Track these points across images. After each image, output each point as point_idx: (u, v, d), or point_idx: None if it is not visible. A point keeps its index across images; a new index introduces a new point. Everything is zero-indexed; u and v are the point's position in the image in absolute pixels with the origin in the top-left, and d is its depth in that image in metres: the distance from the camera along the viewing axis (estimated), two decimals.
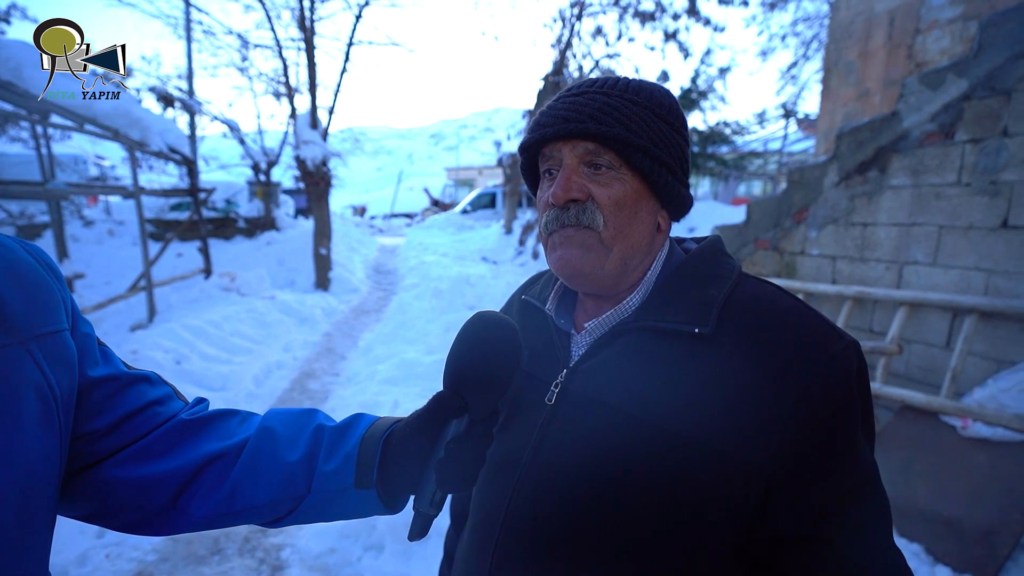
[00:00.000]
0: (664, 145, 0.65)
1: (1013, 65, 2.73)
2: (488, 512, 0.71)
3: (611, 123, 0.62)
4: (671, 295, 0.66)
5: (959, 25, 4.50)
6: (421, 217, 21.43)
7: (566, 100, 0.66)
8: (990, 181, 2.83)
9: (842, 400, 0.56)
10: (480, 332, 0.60)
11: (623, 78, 0.68)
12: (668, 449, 0.58)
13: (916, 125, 3.15)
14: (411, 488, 0.62)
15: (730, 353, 0.59)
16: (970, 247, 2.92)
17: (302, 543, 2.69)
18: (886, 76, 4.91)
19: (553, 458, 0.66)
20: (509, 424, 0.73)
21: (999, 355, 2.79)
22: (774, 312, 0.61)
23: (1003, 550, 2.11)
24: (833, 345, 0.58)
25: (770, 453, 0.55)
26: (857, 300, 3.40)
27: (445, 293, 6.65)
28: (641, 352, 0.64)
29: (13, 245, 0.57)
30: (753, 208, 4.15)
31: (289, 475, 0.62)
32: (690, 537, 0.58)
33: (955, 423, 2.56)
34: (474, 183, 28.95)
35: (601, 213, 0.64)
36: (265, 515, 0.63)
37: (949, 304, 2.93)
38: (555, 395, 0.68)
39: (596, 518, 0.61)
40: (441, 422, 0.61)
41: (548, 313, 0.74)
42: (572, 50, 10.87)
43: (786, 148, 12.47)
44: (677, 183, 0.67)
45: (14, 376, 0.50)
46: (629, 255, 0.66)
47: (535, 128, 0.67)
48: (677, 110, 0.68)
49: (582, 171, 0.64)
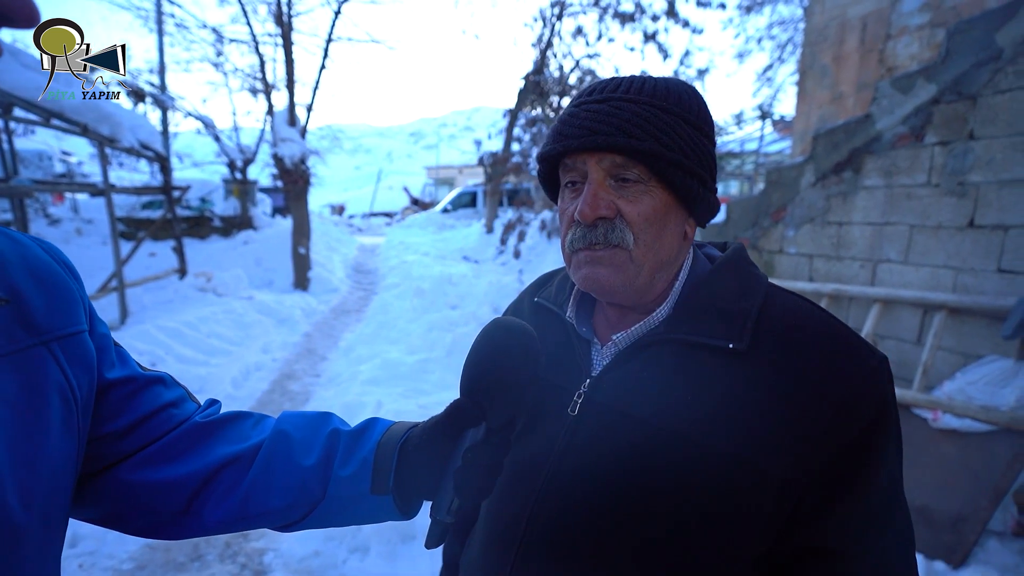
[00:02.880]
0: (696, 155, 0.61)
1: (978, 71, 2.84)
2: (508, 522, 0.69)
3: (642, 136, 0.59)
4: (702, 307, 0.64)
5: (927, 32, 4.65)
6: (401, 216, 21.25)
7: (590, 107, 0.61)
8: (958, 182, 2.94)
9: (876, 416, 0.56)
10: (498, 339, 0.58)
11: (649, 79, 0.63)
12: (700, 463, 0.57)
13: (888, 127, 3.25)
14: (428, 495, 0.61)
15: (765, 369, 0.58)
16: (939, 246, 3.03)
17: (285, 547, 2.65)
18: (859, 79, 5.05)
19: (579, 469, 0.64)
20: (528, 432, 0.71)
21: (966, 349, 2.90)
22: (809, 328, 0.61)
23: (971, 536, 2.20)
24: (868, 362, 0.58)
25: (804, 469, 0.55)
26: (833, 297, 3.49)
27: (427, 292, 6.62)
28: (671, 365, 0.62)
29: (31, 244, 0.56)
30: (733, 207, 4.23)
31: (304, 480, 0.62)
32: (719, 549, 0.58)
33: (926, 415, 2.65)
34: (454, 182, 28.82)
35: (631, 231, 0.61)
36: (278, 520, 0.62)
37: (920, 301, 3.03)
38: (578, 405, 0.67)
39: (625, 531, 0.60)
40: (458, 430, 0.59)
41: (569, 321, 0.72)
42: (553, 50, 10.92)
43: (763, 149, 12.73)
44: (707, 191, 0.64)
45: (40, 378, 0.50)
46: (658, 268, 0.64)
47: (557, 138, 0.63)
48: (706, 112, 0.64)
49: (609, 185, 0.61)
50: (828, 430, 0.55)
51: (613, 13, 10.66)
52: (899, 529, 0.59)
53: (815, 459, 0.55)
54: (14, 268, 0.52)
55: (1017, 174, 2.70)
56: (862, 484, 0.56)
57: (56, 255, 0.58)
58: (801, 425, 0.56)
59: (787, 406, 0.57)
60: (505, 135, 11.21)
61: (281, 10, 7.94)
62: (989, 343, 2.79)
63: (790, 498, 0.56)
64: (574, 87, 10.96)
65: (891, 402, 0.58)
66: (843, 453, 0.55)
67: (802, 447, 0.55)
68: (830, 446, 0.55)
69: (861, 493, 0.56)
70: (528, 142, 11.11)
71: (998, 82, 2.76)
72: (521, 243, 9.15)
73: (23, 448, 0.48)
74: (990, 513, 2.23)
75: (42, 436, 0.50)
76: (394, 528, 2.60)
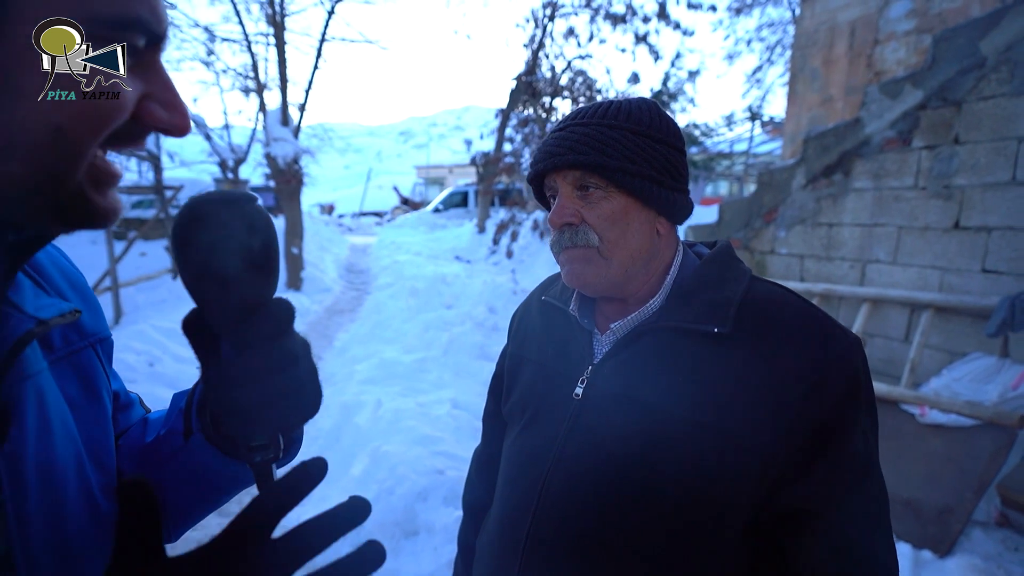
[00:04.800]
0: (644, 159, 0.69)
1: (963, 78, 2.94)
2: (517, 502, 0.75)
3: (587, 151, 0.69)
4: (690, 297, 0.71)
5: (913, 37, 4.77)
6: (391, 216, 21.19)
7: (554, 136, 0.74)
8: (943, 185, 3.03)
9: (848, 390, 0.63)
10: (176, 232, 0.42)
11: (604, 103, 0.74)
12: (692, 438, 0.64)
13: (877, 132, 3.34)
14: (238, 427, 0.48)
15: (747, 350, 0.65)
16: (926, 246, 3.13)
17: None
18: (848, 83, 5.17)
19: (583, 449, 0.70)
20: (536, 418, 0.77)
21: (952, 347, 3.00)
22: (786, 312, 0.68)
23: (956, 526, 2.29)
24: (840, 342, 0.65)
25: (784, 438, 0.61)
26: (824, 297, 3.58)
27: (422, 292, 6.64)
28: (664, 350, 0.69)
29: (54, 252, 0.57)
30: (725, 209, 4.31)
31: (144, 459, 0.60)
32: (710, 516, 0.64)
33: (913, 411, 2.73)
34: (445, 182, 28.79)
35: (594, 231, 0.70)
36: None
37: (908, 300, 3.12)
38: (582, 390, 0.73)
39: (626, 503, 0.66)
40: (199, 345, 0.46)
41: (572, 314, 0.79)
42: (545, 50, 10.98)
43: (753, 149, 12.90)
44: (666, 191, 0.71)
45: (93, 377, 0.53)
46: (630, 261, 0.72)
47: (534, 163, 0.75)
48: (660, 122, 0.72)
49: (576, 195, 0.71)
50: (804, 403, 0.62)
51: (604, 14, 10.74)
52: (873, 494, 0.65)
53: (793, 430, 0.62)
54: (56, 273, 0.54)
55: (1000, 177, 2.80)
56: (837, 451, 0.62)
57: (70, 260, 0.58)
58: (780, 399, 0.62)
59: (767, 383, 0.63)
60: (497, 135, 11.25)
61: (274, 9, 7.91)
62: (974, 341, 2.89)
63: (772, 465, 0.62)
64: (566, 88, 11.04)
65: (863, 378, 0.65)
66: (818, 424, 0.62)
67: (781, 419, 0.62)
68: (806, 418, 0.62)
69: (836, 459, 0.62)
70: (520, 142, 11.16)
71: (982, 89, 2.86)
72: (514, 243, 9.20)
73: (95, 443, 0.51)
74: (974, 504, 2.32)
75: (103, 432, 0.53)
76: (397, 525, 2.64)
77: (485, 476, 0.97)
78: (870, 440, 0.65)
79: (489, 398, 1.00)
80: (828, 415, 0.62)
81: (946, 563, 2.21)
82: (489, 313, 5.85)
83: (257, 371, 0.44)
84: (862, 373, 0.65)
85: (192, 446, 0.56)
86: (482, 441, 1.02)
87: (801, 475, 0.62)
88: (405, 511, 2.66)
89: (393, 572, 2.46)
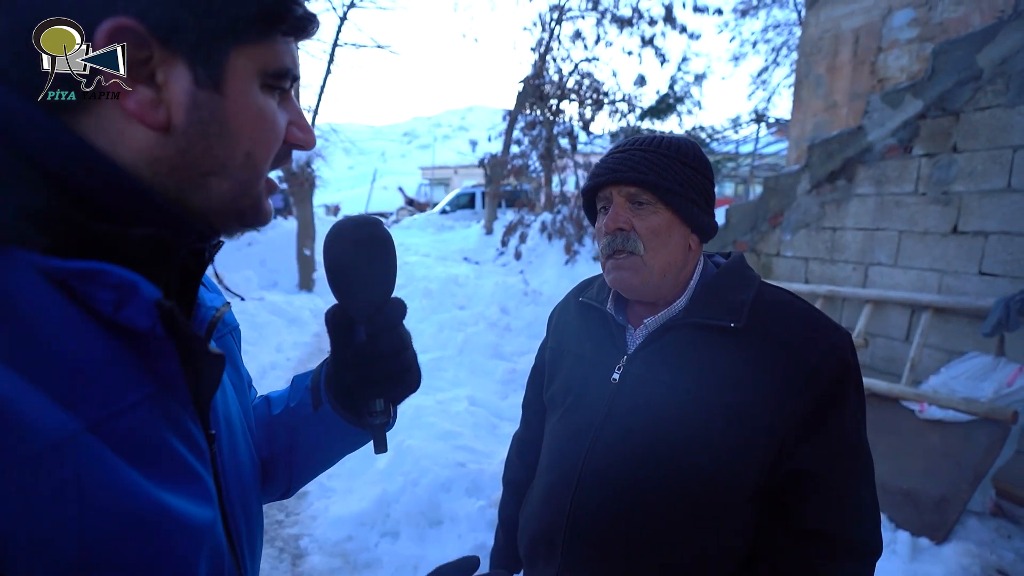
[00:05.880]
0: (689, 185, 0.84)
1: (961, 89, 3.07)
2: (564, 470, 0.89)
3: (646, 172, 0.83)
4: (711, 298, 0.86)
5: (916, 45, 4.89)
6: (396, 216, 21.32)
7: (615, 156, 0.87)
8: (942, 192, 3.17)
9: (839, 374, 0.78)
10: (329, 246, 0.60)
11: (658, 136, 0.88)
12: (712, 414, 0.79)
13: (879, 139, 3.47)
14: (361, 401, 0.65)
15: (758, 342, 0.80)
16: (925, 250, 3.26)
17: (319, 532, 2.82)
18: (852, 90, 5.29)
19: (621, 423, 0.85)
20: (579, 401, 0.92)
21: (950, 347, 3.13)
22: (789, 311, 0.83)
23: (952, 515, 2.42)
24: (833, 335, 0.80)
25: (787, 413, 0.76)
26: (828, 298, 3.71)
27: (435, 293, 6.79)
28: (688, 342, 0.84)
29: None
30: (732, 213, 4.45)
31: (273, 428, 0.72)
32: (728, 478, 0.79)
33: (913, 407, 2.87)
34: (450, 183, 28.93)
35: (641, 240, 0.84)
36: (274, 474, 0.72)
37: (908, 301, 3.26)
38: (619, 376, 0.87)
39: (659, 469, 0.81)
40: (338, 335, 0.63)
41: (609, 312, 0.93)
42: (552, 53, 11.12)
43: (759, 151, 13.01)
44: (702, 213, 0.86)
45: (237, 357, 0.66)
46: (666, 269, 0.86)
47: (593, 177, 0.89)
48: (700, 157, 0.88)
49: (629, 207, 0.85)
50: (804, 384, 0.76)
51: (611, 17, 10.87)
52: (863, 460, 0.81)
53: (795, 406, 0.76)
54: None
55: (996, 184, 2.94)
56: (831, 423, 0.77)
57: None
58: (784, 381, 0.77)
59: (774, 368, 0.78)
60: (504, 138, 11.38)
61: None
62: (971, 340, 3.02)
63: (777, 435, 0.77)
64: (572, 90, 11.17)
65: (852, 364, 0.80)
66: (815, 400, 0.76)
67: (785, 397, 0.76)
68: (806, 396, 0.76)
69: (830, 428, 0.77)
70: (528, 145, 11.30)
71: (978, 100, 2.99)
72: (522, 244, 9.33)
73: (244, 410, 0.65)
74: (970, 495, 2.45)
75: (247, 402, 0.67)
76: (423, 514, 2.79)
77: (525, 457, 1.11)
78: (858, 415, 0.81)
79: (529, 388, 1.14)
80: (823, 394, 0.77)
81: (942, 549, 2.35)
82: (502, 314, 5.99)
83: (384, 352, 0.61)
84: (851, 361, 0.80)
85: (321, 415, 0.69)
86: (522, 426, 1.16)
87: (802, 442, 0.77)
88: (429, 501, 2.81)
89: (419, 559, 2.61)
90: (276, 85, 0.47)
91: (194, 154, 0.43)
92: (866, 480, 0.81)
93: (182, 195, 0.44)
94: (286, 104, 0.50)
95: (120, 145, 0.41)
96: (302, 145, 0.52)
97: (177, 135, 0.42)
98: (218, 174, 0.45)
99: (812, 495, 0.78)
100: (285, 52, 0.47)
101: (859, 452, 0.80)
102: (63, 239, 0.38)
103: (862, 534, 0.79)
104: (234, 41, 0.43)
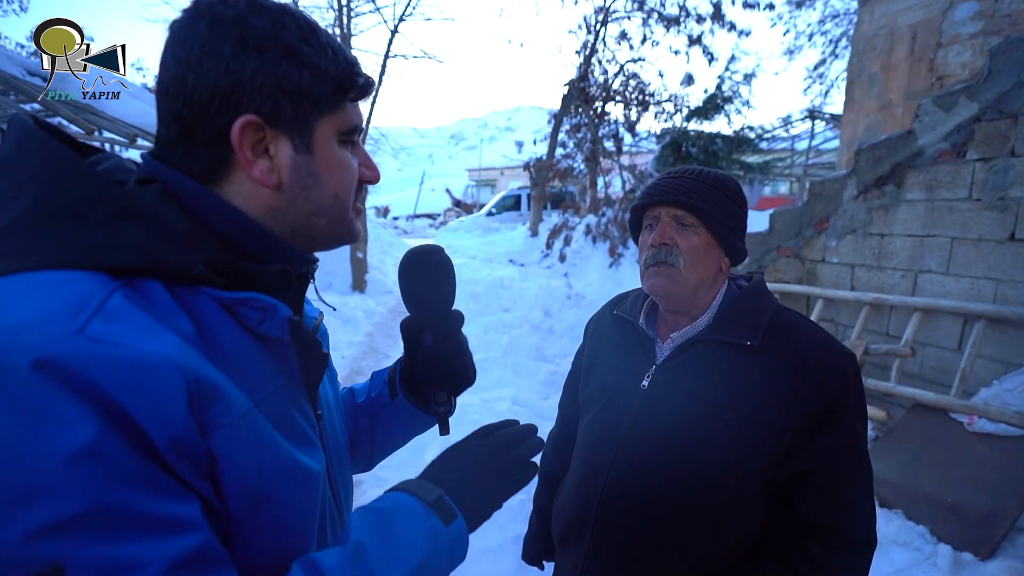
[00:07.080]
0: (728, 214, 0.98)
1: (1020, 90, 2.96)
2: (596, 462, 1.03)
3: (695, 197, 0.96)
4: (731, 318, 0.98)
5: (980, 40, 4.67)
6: (444, 217, 21.81)
7: (667, 180, 1.00)
8: (999, 197, 3.06)
9: (842, 388, 0.90)
10: (404, 270, 0.78)
11: (705, 170, 1.01)
12: (730, 419, 0.91)
13: (930, 144, 3.38)
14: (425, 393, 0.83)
15: (772, 359, 0.93)
16: (980, 258, 3.16)
17: None
18: (908, 88, 5.10)
19: (648, 424, 0.98)
20: (611, 403, 1.05)
21: (1006, 358, 3.03)
22: (800, 333, 0.96)
23: (1000, 531, 2.38)
24: (837, 355, 0.93)
25: (795, 420, 0.89)
26: (874, 306, 3.64)
27: (481, 296, 7.00)
28: (710, 356, 0.96)
29: None
30: (776, 218, 4.41)
31: (356, 415, 0.89)
32: (739, 473, 0.92)
33: (962, 419, 2.81)
34: (496, 184, 29.26)
35: (682, 256, 0.96)
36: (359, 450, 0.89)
37: (960, 310, 3.17)
38: (647, 383, 1.01)
39: (682, 468, 0.94)
40: (410, 339, 0.80)
41: (640, 326, 1.06)
42: (597, 55, 11.11)
43: (818, 147, 12.53)
44: (736, 240, 1.00)
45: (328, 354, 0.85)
46: (700, 284, 0.99)
47: (645, 196, 1.02)
48: (739, 192, 1.02)
49: (674, 227, 0.98)
50: (811, 396, 0.89)
51: (658, 17, 10.74)
52: (860, 464, 0.92)
53: (802, 414, 0.89)
54: None
55: None
56: (832, 430, 0.89)
57: None
58: (794, 394, 0.89)
59: (785, 382, 0.90)
60: (550, 140, 11.48)
61: (342, 30, 8.53)
62: None
63: (784, 439, 0.89)
64: (618, 92, 11.13)
65: (854, 380, 0.92)
66: (820, 410, 0.89)
67: (794, 407, 0.89)
68: (812, 406, 0.88)
69: (833, 434, 0.89)
70: (573, 147, 11.35)
71: None
72: (567, 247, 9.41)
73: (336, 395, 0.82)
74: (1019, 511, 2.40)
75: (337, 389, 0.83)
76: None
77: (560, 452, 1.24)
78: (857, 424, 0.92)
79: (566, 390, 1.29)
80: (828, 404, 0.89)
81: (987, 566, 2.31)
82: (545, 317, 6.13)
83: (449, 354, 0.78)
84: (852, 378, 0.92)
85: (396, 404, 0.87)
86: (558, 424, 1.31)
87: (808, 445, 0.89)
88: None
89: None
90: (349, 140, 0.61)
91: (298, 202, 0.58)
92: (862, 481, 0.92)
93: (294, 234, 0.60)
94: (356, 150, 0.63)
95: (250, 203, 0.56)
96: (371, 180, 0.66)
97: (285, 190, 0.57)
98: (316, 214, 0.60)
99: (813, 492, 0.90)
100: (354, 113, 0.61)
101: (857, 456, 0.91)
102: (229, 278, 0.53)
103: (856, 528, 0.90)
104: (318, 115, 0.57)
